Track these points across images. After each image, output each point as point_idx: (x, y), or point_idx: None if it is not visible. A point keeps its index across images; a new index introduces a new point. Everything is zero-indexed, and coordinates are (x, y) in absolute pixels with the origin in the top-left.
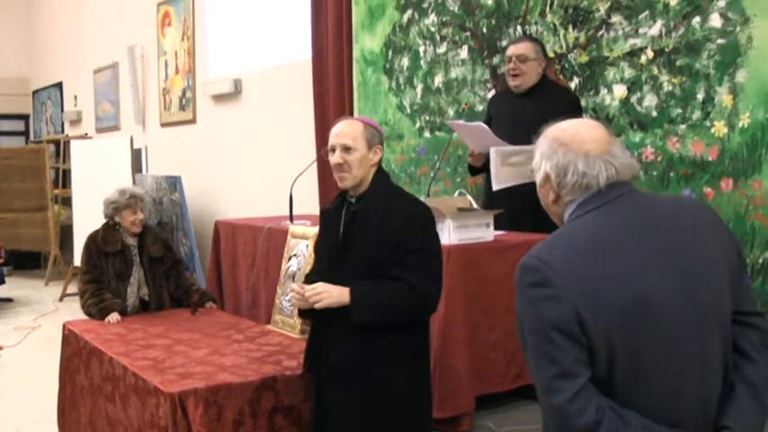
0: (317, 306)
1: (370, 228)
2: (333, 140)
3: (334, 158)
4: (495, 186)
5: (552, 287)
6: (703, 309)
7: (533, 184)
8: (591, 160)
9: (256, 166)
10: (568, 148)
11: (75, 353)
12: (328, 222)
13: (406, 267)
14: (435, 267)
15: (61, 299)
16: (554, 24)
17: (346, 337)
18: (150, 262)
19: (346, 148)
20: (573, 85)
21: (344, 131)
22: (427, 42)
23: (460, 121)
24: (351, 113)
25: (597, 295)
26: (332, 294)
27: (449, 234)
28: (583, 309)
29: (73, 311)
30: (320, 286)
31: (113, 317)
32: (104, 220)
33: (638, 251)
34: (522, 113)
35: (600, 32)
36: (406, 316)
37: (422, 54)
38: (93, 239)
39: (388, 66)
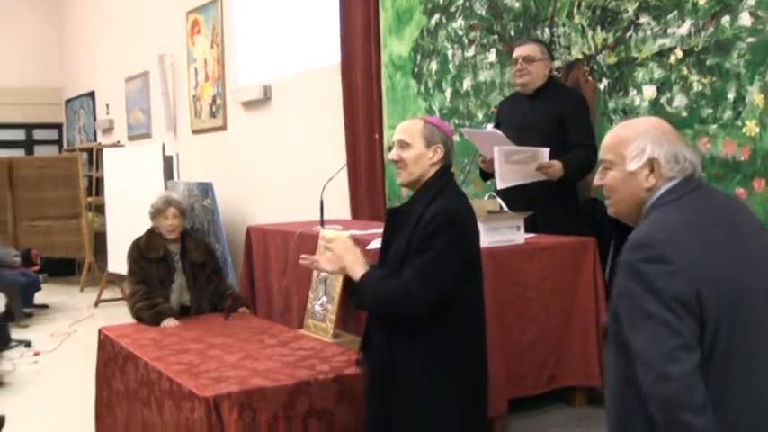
0: (321, 263)
1: (406, 228)
2: (393, 137)
3: (391, 154)
4: (500, 185)
5: (670, 263)
6: None
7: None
8: (691, 150)
9: (287, 172)
10: (670, 138)
11: (110, 358)
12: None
13: (410, 265)
14: (433, 267)
15: (96, 305)
16: (582, 26)
17: (378, 336)
18: (192, 268)
19: (402, 144)
20: (602, 86)
21: (403, 128)
22: (455, 46)
23: (473, 129)
24: (380, 118)
25: (710, 275)
26: (347, 253)
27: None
28: (700, 286)
29: (108, 317)
30: (341, 239)
31: (170, 322)
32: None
33: (728, 238)
34: (530, 116)
35: (628, 33)
36: (389, 309)
37: (450, 58)
38: (136, 245)
39: (416, 70)
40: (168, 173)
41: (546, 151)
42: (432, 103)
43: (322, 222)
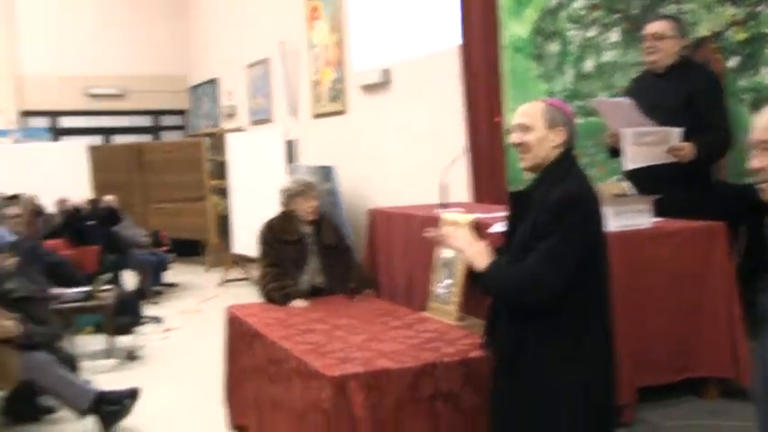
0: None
1: (531, 212)
2: (513, 120)
3: (512, 138)
4: (628, 166)
5: None
6: None
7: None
8: None
9: (407, 155)
10: None
11: (238, 336)
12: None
13: (535, 250)
14: (558, 252)
15: (222, 284)
16: (709, 1)
17: (503, 321)
18: (325, 249)
19: (523, 128)
20: (731, 64)
21: (523, 111)
22: (576, 26)
23: (604, 98)
24: (500, 101)
25: None
26: (468, 246)
27: (605, 221)
28: None
29: (233, 296)
30: (461, 232)
31: (300, 303)
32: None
33: None
34: (660, 96)
35: (759, 8)
36: (514, 297)
37: (571, 39)
38: (269, 228)
39: (537, 52)
40: (290, 157)
41: (678, 132)
42: (553, 86)
43: (444, 206)
